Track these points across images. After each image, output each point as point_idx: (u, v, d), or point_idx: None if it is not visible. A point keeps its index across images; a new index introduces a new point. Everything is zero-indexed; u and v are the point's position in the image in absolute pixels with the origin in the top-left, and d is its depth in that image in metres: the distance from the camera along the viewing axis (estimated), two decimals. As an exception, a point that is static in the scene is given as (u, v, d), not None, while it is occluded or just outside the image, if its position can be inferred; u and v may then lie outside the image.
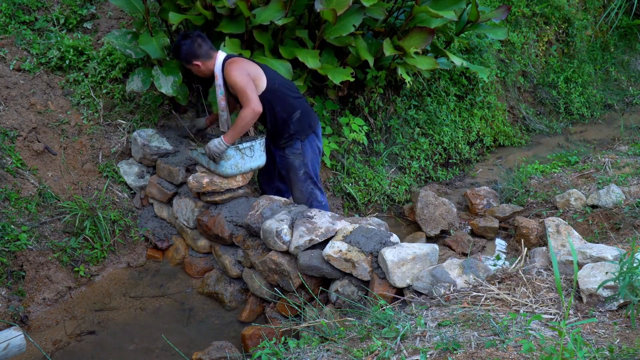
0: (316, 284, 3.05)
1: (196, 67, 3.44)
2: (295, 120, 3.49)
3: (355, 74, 4.18)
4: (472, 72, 5.50)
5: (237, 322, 3.40)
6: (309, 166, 3.59)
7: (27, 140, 3.87)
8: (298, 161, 3.57)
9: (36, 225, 3.59)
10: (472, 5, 4.28)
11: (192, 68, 3.49)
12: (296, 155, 3.56)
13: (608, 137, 6.01)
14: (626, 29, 7.46)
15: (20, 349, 2.54)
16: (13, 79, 4.07)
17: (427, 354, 1.92)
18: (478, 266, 2.56)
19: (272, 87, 3.39)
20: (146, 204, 4.11)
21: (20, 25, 4.39)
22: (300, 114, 3.50)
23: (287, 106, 3.46)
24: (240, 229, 3.49)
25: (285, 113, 3.46)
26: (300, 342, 2.30)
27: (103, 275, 3.71)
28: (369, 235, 2.93)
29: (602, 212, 3.81)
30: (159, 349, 3.14)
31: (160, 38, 3.81)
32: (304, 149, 3.56)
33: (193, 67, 3.46)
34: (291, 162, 3.57)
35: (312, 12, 4.01)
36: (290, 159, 3.57)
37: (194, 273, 3.78)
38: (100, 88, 4.28)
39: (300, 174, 3.59)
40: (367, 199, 4.60)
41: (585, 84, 6.78)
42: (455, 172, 5.30)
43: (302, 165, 3.57)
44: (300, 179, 3.60)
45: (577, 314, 2.14)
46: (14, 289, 3.34)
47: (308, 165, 3.59)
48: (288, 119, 3.47)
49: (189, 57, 3.40)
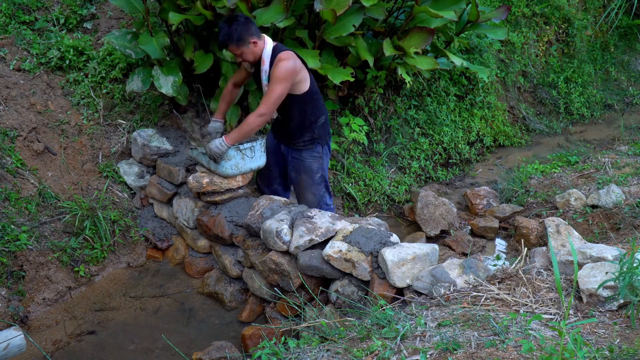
0: (316, 284, 3.05)
1: (252, 47, 3.20)
2: (320, 124, 3.52)
3: (355, 74, 4.18)
4: (472, 72, 5.49)
5: (237, 322, 3.40)
6: (325, 170, 3.63)
7: (27, 140, 3.88)
8: (317, 164, 3.57)
9: (36, 225, 3.59)
10: (472, 5, 4.28)
11: (245, 51, 3.21)
12: (315, 159, 3.56)
13: (608, 137, 6.01)
14: (626, 29, 7.46)
15: (20, 349, 2.54)
16: (13, 79, 4.07)
17: (427, 354, 1.92)
18: (478, 266, 2.56)
19: (313, 89, 3.41)
20: (146, 204, 4.11)
21: (20, 25, 4.39)
22: (325, 119, 3.56)
23: (317, 109, 3.48)
24: (240, 229, 3.49)
25: (314, 116, 3.47)
26: (300, 342, 2.30)
27: (103, 275, 3.71)
28: (369, 235, 2.93)
29: (602, 212, 3.81)
30: (159, 349, 3.14)
31: (160, 38, 3.80)
32: (323, 153, 3.59)
33: (248, 47, 3.20)
34: (308, 164, 3.57)
35: (312, 12, 4.01)
36: (308, 161, 3.56)
37: (194, 273, 3.78)
38: (100, 88, 4.28)
39: (316, 178, 3.60)
40: (367, 199, 4.60)
41: (585, 84, 6.78)
42: (455, 172, 5.30)
43: (320, 169, 3.59)
44: (315, 181, 3.60)
45: (577, 314, 2.14)
46: (14, 289, 3.34)
47: (325, 169, 3.63)
48: (315, 122, 3.49)
49: (246, 36, 3.15)
